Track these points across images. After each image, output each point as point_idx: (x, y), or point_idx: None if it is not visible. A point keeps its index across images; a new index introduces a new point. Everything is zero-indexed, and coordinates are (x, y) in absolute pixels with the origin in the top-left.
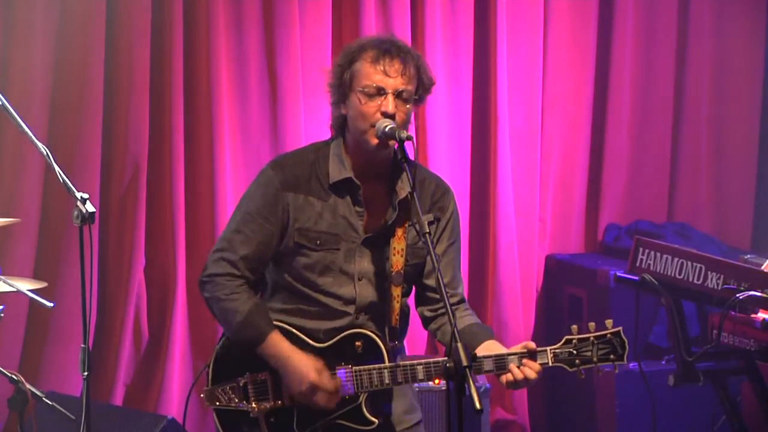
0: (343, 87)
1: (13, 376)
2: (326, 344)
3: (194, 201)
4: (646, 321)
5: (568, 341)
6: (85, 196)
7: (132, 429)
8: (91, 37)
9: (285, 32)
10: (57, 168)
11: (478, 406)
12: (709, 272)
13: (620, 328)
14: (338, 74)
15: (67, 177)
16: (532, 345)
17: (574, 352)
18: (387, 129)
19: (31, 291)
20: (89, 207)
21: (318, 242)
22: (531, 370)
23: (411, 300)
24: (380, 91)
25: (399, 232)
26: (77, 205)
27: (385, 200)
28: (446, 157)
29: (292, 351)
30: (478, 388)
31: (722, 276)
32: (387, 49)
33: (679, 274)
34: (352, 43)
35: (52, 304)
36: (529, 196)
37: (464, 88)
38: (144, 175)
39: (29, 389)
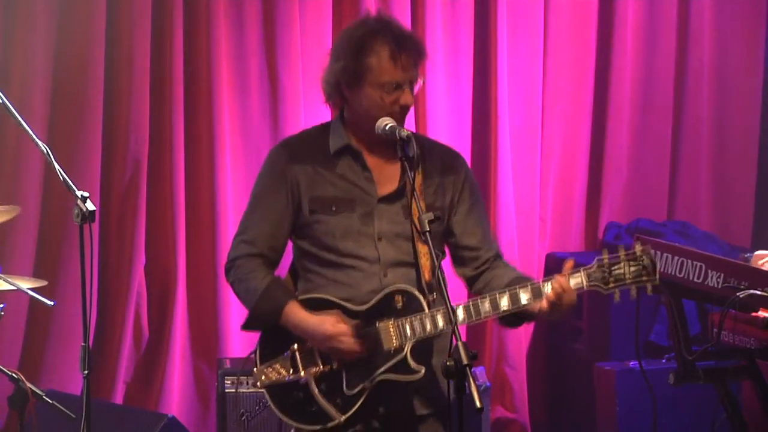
0: (352, 77)
1: (14, 375)
2: (365, 307)
3: (194, 200)
4: (647, 320)
5: (600, 263)
6: (86, 194)
7: (132, 427)
8: (91, 37)
9: (285, 32)
10: (57, 166)
11: (478, 404)
12: (709, 271)
13: (649, 247)
14: (344, 65)
15: (67, 175)
16: (569, 265)
17: (607, 272)
18: (387, 128)
19: (32, 289)
20: (89, 205)
21: (333, 208)
22: (560, 284)
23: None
24: (398, 86)
25: (417, 191)
26: (77, 204)
27: (393, 162)
28: None
29: (308, 316)
30: (478, 387)
31: (722, 274)
32: (401, 43)
33: (680, 273)
34: (356, 30)
35: (52, 303)
36: (530, 195)
37: (464, 86)
38: (144, 174)
39: (29, 387)
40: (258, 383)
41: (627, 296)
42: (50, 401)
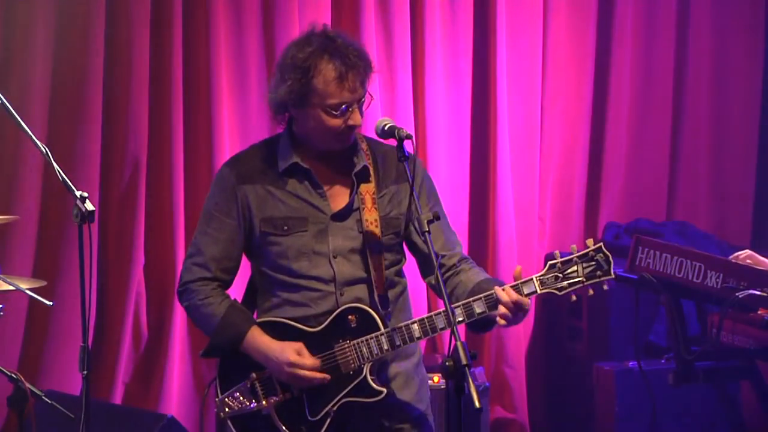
0: (298, 98)
1: (13, 375)
2: (320, 328)
3: (194, 200)
4: (646, 320)
5: (552, 266)
6: (85, 194)
7: (131, 428)
8: (90, 36)
9: (284, 32)
10: (56, 167)
11: (477, 404)
12: (708, 271)
13: (601, 243)
14: (290, 86)
15: (66, 176)
16: (518, 271)
17: (560, 275)
18: (386, 128)
19: (31, 290)
20: (89, 205)
21: (285, 228)
22: (513, 294)
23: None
24: (347, 107)
25: (368, 203)
26: (77, 204)
27: (344, 175)
28: (446, 155)
29: (270, 342)
30: (477, 387)
31: (722, 275)
32: (347, 63)
33: (679, 273)
34: (299, 49)
35: (51, 303)
36: (529, 195)
37: (464, 86)
38: (143, 174)
39: (29, 388)
40: (221, 414)
41: (627, 294)
42: (49, 401)
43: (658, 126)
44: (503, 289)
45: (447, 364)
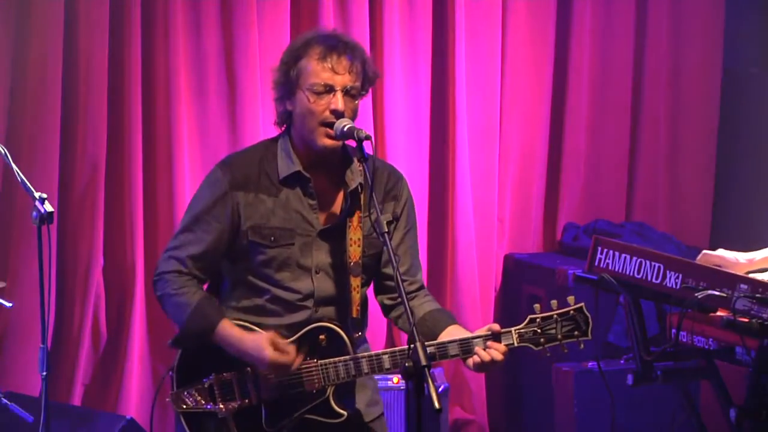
0: (289, 84)
1: None
2: (289, 341)
3: (152, 201)
4: (605, 320)
5: (532, 320)
6: (44, 196)
7: (91, 429)
8: (49, 38)
9: (243, 34)
10: (15, 168)
11: (437, 405)
12: (667, 271)
13: (582, 303)
14: (284, 72)
15: (25, 177)
16: (497, 327)
17: (539, 330)
18: (345, 128)
19: None
20: (48, 207)
21: (272, 239)
22: (497, 351)
23: (370, 291)
24: (329, 89)
25: (354, 222)
26: (36, 206)
27: (337, 191)
28: (405, 156)
29: (242, 333)
30: (437, 388)
31: (681, 275)
32: (333, 45)
33: (638, 274)
34: (297, 40)
35: (10, 305)
36: (488, 196)
37: (423, 87)
38: (102, 176)
39: None
40: (175, 408)
41: (586, 295)
42: (8, 403)
43: (617, 127)
44: (489, 345)
45: (407, 365)
